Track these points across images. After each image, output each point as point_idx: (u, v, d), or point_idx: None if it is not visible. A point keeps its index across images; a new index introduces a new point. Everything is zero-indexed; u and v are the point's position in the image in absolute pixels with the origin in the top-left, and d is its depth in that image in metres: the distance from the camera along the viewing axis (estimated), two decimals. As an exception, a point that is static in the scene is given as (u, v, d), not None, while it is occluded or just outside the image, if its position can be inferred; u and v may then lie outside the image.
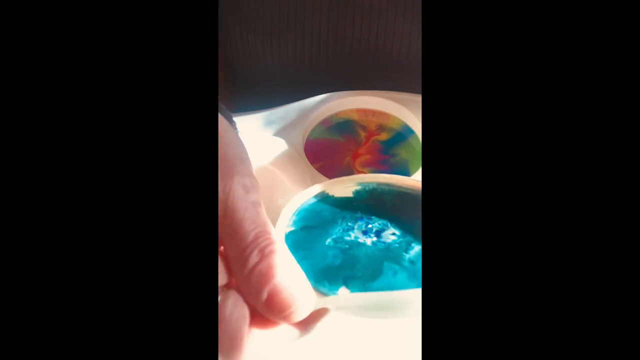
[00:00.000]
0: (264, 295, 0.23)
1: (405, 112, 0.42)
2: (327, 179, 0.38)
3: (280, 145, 0.40)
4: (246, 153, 0.26)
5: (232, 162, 0.25)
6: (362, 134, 0.42)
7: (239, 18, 0.46)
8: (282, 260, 0.24)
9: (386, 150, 0.41)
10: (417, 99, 0.42)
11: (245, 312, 0.24)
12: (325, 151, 0.41)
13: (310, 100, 0.43)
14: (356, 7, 0.45)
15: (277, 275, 0.24)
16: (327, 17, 0.45)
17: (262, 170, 0.39)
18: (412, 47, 0.46)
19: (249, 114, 0.43)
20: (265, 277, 0.23)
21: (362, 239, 0.30)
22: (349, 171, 0.39)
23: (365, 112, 0.43)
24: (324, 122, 0.42)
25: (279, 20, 0.45)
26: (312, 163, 0.40)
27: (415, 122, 0.41)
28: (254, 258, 0.24)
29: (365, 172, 0.39)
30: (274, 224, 0.36)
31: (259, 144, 0.40)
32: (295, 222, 0.31)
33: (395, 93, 0.43)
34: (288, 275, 0.24)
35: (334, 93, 0.43)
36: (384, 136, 0.42)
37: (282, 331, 0.25)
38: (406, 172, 0.39)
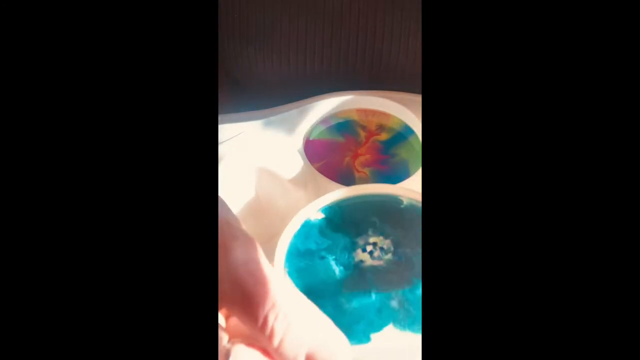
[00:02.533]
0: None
1: (405, 112, 0.42)
2: (327, 178, 0.38)
3: (280, 145, 0.40)
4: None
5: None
6: (362, 134, 0.42)
7: (240, 33, 0.46)
8: (307, 315, 0.23)
9: (386, 150, 0.41)
10: (417, 99, 0.42)
11: None
12: (325, 151, 0.41)
13: (310, 100, 0.43)
14: (360, 25, 0.44)
15: (309, 335, 0.23)
16: (329, 34, 0.45)
17: (261, 170, 0.39)
18: (414, 58, 0.46)
19: (249, 113, 0.43)
20: (297, 342, 0.22)
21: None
22: (349, 171, 0.39)
23: (365, 112, 0.43)
24: (324, 122, 0.42)
25: (279, 37, 0.45)
26: (312, 163, 0.40)
27: (415, 122, 0.41)
28: (280, 324, 0.22)
29: (365, 172, 0.39)
30: (274, 227, 0.37)
31: (259, 144, 0.40)
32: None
33: (395, 93, 0.43)
34: (318, 332, 0.23)
35: (334, 93, 0.43)
36: (384, 136, 0.41)
37: None
38: (406, 172, 0.39)
